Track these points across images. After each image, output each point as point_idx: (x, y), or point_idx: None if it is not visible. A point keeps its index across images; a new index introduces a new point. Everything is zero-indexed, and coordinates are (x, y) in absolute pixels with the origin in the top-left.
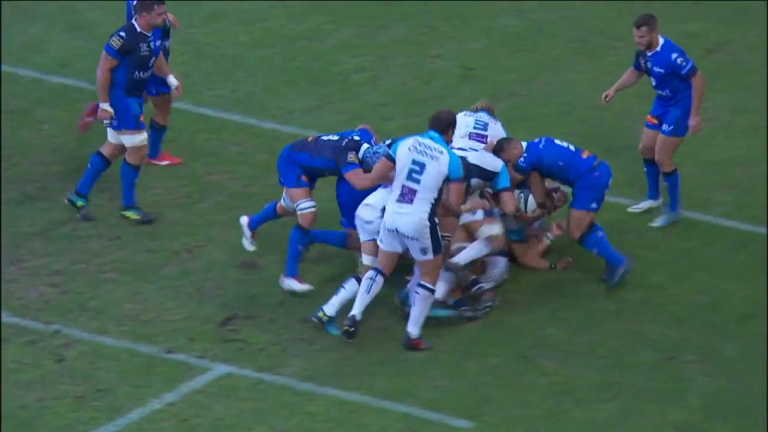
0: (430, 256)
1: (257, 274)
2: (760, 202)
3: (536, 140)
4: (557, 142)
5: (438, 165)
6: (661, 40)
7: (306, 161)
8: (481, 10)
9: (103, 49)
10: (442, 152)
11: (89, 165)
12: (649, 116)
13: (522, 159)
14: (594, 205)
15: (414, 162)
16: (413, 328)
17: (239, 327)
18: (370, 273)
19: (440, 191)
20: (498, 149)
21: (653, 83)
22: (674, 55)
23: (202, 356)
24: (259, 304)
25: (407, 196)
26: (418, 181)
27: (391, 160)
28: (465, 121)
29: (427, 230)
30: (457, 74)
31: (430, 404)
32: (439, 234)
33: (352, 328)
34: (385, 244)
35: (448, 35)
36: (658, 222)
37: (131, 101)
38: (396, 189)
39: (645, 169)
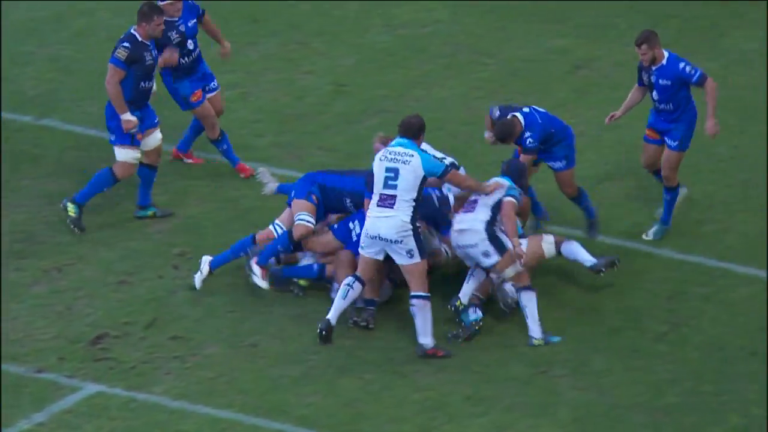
0: (417, 258)
1: (128, 292)
2: (629, 217)
3: (528, 112)
4: (539, 108)
5: (411, 168)
6: (665, 54)
7: (334, 181)
8: (352, 27)
9: (110, 63)
10: (412, 155)
11: (96, 175)
12: (648, 130)
13: (529, 138)
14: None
15: (387, 170)
16: (424, 339)
17: (110, 346)
18: (348, 279)
19: (419, 192)
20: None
21: (655, 97)
22: (682, 65)
23: (72, 375)
24: (129, 322)
25: (387, 201)
26: (394, 187)
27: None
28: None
29: (410, 232)
30: (329, 90)
31: (303, 421)
32: (422, 238)
33: (325, 332)
34: (367, 252)
35: (319, 51)
36: (650, 235)
37: (136, 115)
38: (375, 197)
39: (656, 179)
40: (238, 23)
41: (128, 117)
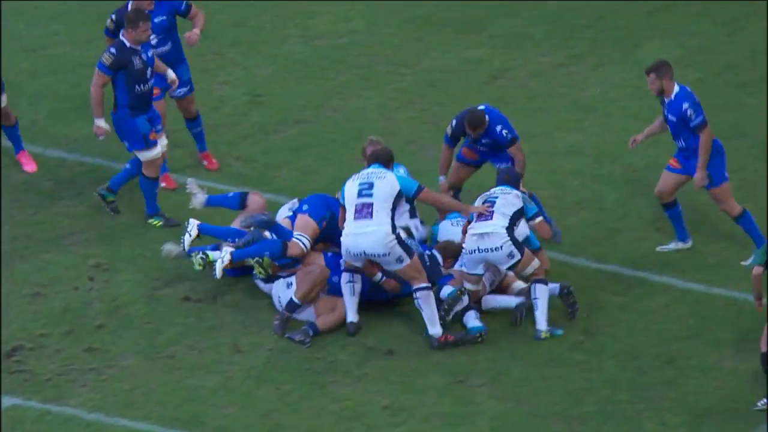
0: (407, 260)
1: (43, 304)
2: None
3: (487, 107)
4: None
5: (386, 182)
6: (676, 89)
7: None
8: (268, 37)
9: (96, 67)
10: (385, 174)
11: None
12: (672, 159)
13: (504, 130)
14: None
15: (361, 184)
16: (433, 329)
17: (24, 358)
18: (346, 276)
19: (394, 206)
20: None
21: (670, 131)
22: (685, 105)
23: None
24: (44, 334)
25: (364, 211)
26: (370, 195)
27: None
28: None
29: (395, 242)
30: (245, 101)
31: None
32: (405, 239)
33: (354, 331)
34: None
35: (235, 62)
36: (749, 262)
37: (139, 121)
38: (350, 212)
39: (666, 214)
40: None
41: (101, 123)
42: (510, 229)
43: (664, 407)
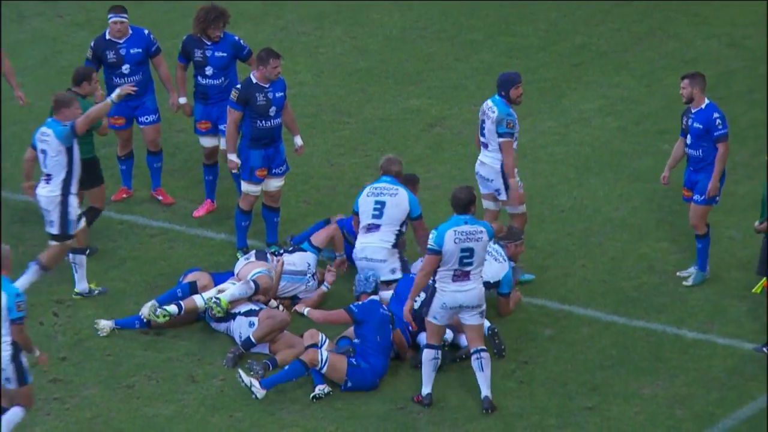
0: (398, 274)
1: None
2: None
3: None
4: None
5: (397, 200)
6: (706, 101)
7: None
8: None
9: (227, 105)
10: (398, 190)
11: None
12: (684, 189)
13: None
14: None
15: (376, 203)
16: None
17: None
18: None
19: (402, 226)
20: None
21: (688, 142)
22: (715, 115)
23: None
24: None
25: (372, 229)
26: (380, 217)
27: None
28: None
29: (396, 256)
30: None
31: None
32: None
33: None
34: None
35: None
36: (689, 281)
37: (254, 153)
38: (363, 226)
39: (697, 242)
40: None
41: (232, 157)
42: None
43: (589, 431)
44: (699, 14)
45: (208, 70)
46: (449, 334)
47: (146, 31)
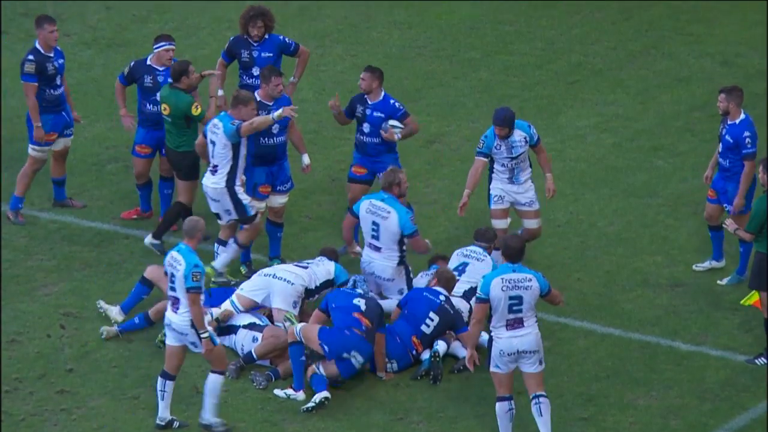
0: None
1: (18, 350)
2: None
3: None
4: None
5: (389, 224)
6: (742, 116)
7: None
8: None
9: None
10: (389, 212)
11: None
12: (710, 190)
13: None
14: None
15: (372, 223)
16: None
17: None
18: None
19: (401, 244)
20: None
21: (719, 149)
22: (746, 133)
23: None
24: (19, 378)
25: (375, 249)
26: (378, 239)
27: (354, 215)
28: None
29: (403, 274)
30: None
31: None
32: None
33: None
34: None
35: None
36: (724, 281)
37: (258, 170)
38: (367, 242)
39: (710, 234)
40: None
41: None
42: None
43: None
44: (693, 33)
45: (255, 71)
46: (442, 346)
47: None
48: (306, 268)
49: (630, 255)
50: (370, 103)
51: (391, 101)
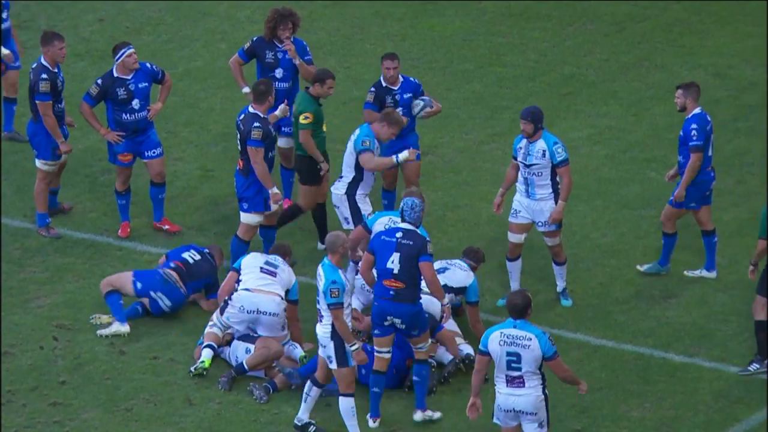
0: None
1: (11, 362)
2: None
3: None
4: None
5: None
6: (696, 110)
7: None
8: (218, 117)
9: (251, 146)
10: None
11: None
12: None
13: None
14: None
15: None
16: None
17: None
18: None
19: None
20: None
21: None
22: (693, 125)
23: None
24: (12, 390)
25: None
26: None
27: (367, 229)
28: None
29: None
30: (197, 175)
31: None
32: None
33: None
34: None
35: (188, 140)
36: (644, 267)
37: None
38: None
39: (703, 240)
40: None
41: (275, 190)
42: None
43: None
44: (685, 45)
45: (278, 73)
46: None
47: (149, 65)
48: (274, 275)
49: (623, 267)
50: (395, 88)
51: (411, 79)
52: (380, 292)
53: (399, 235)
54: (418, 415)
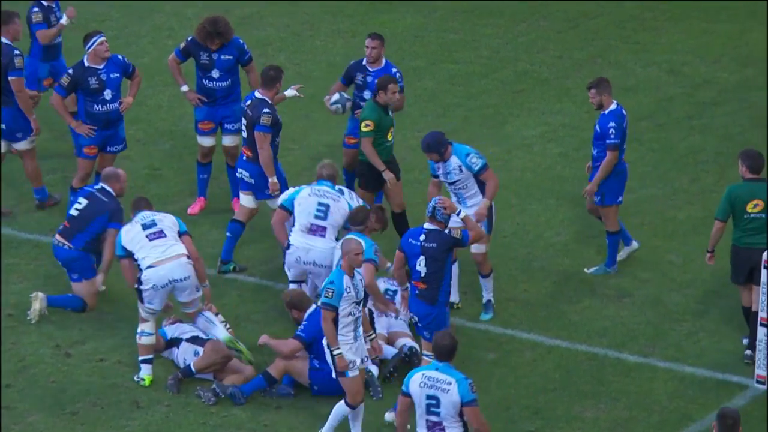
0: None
1: None
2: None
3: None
4: None
5: (340, 205)
6: (613, 106)
7: None
8: (166, 115)
9: (259, 131)
10: (339, 197)
11: (228, 232)
12: (589, 183)
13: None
14: None
15: (319, 204)
16: None
17: None
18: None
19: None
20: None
21: (593, 138)
22: (611, 123)
23: None
24: None
25: (316, 231)
26: (325, 218)
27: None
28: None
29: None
30: (145, 174)
31: None
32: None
33: None
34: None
35: (135, 138)
36: (591, 270)
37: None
38: (303, 225)
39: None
40: None
41: (274, 179)
42: None
43: None
44: (639, 42)
45: (215, 73)
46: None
47: (120, 56)
48: (162, 233)
49: (577, 266)
50: (371, 70)
51: (393, 69)
52: (411, 290)
53: (422, 238)
54: (389, 416)
